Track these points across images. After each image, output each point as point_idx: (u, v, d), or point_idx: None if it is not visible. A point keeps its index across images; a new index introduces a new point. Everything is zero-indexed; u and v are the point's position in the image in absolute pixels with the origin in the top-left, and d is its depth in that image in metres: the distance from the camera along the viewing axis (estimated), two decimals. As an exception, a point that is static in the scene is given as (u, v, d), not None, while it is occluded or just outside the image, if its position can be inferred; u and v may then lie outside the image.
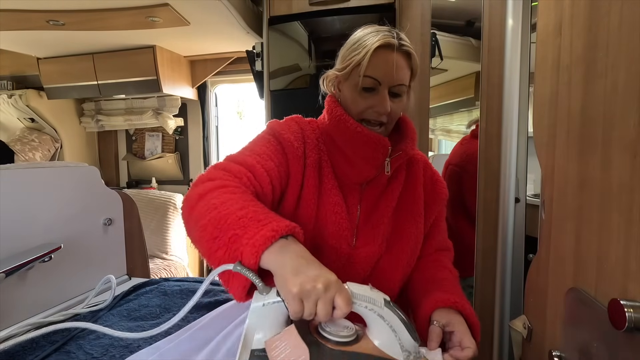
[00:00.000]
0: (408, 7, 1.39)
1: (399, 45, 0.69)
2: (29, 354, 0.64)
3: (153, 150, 3.04)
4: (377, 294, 0.49)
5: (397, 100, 0.72)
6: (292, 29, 1.65)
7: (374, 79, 0.69)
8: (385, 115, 0.71)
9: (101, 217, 1.04)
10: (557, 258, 0.60)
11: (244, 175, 0.64)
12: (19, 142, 2.68)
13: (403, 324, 0.49)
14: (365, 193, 0.76)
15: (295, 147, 0.72)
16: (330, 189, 0.74)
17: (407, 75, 0.71)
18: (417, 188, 0.79)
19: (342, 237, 0.72)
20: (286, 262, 0.47)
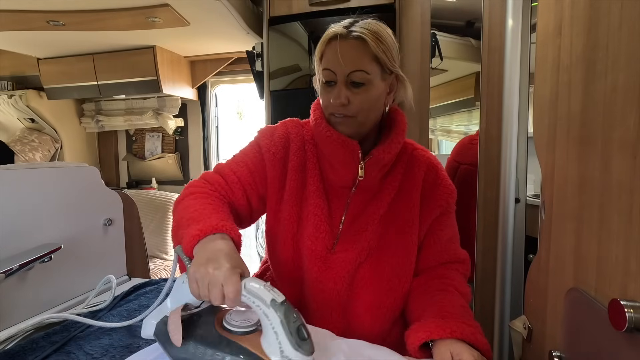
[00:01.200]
0: (408, 8, 1.39)
1: (348, 32, 0.68)
2: (29, 354, 0.64)
3: (153, 150, 3.04)
4: (270, 293, 0.49)
5: (361, 90, 0.68)
6: (292, 29, 1.65)
7: (330, 71, 0.69)
8: (343, 106, 0.68)
9: (101, 217, 1.04)
10: (557, 258, 0.60)
11: (216, 183, 0.73)
12: (19, 142, 2.68)
13: (283, 328, 0.47)
14: (354, 197, 0.74)
15: (272, 153, 0.75)
16: (313, 192, 0.74)
17: (364, 61, 0.67)
18: (412, 193, 0.74)
19: (320, 240, 0.72)
20: (202, 253, 0.54)
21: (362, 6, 1.44)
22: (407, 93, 0.76)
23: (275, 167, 0.75)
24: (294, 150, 0.77)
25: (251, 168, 0.75)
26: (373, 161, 0.71)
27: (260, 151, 0.77)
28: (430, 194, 0.75)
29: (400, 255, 0.73)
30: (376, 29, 0.68)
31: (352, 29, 0.68)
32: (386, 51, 0.68)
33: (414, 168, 0.76)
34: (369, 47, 0.67)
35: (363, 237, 0.72)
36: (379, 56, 0.68)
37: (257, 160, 0.76)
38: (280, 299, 0.49)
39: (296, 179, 0.75)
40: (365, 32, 0.67)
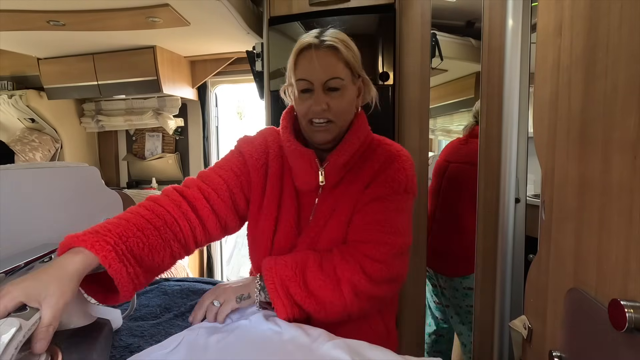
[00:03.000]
0: (408, 8, 1.39)
1: (320, 42, 0.72)
2: (29, 354, 0.64)
3: (153, 150, 3.04)
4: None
5: (337, 95, 0.73)
6: (292, 30, 1.65)
7: (306, 80, 0.73)
8: (324, 111, 0.72)
9: (101, 217, 1.04)
10: (557, 258, 0.60)
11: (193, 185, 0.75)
12: (19, 142, 2.68)
13: None
14: (321, 198, 0.79)
15: (255, 159, 0.80)
16: (288, 196, 0.80)
17: (338, 68, 0.72)
18: (356, 187, 0.77)
19: (289, 239, 0.78)
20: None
21: (362, 6, 1.44)
22: (372, 94, 0.81)
23: (259, 173, 0.80)
24: (273, 157, 0.81)
25: (236, 172, 0.79)
26: (331, 166, 0.76)
27: (243, 158, 0.81)
28: (375, 180, 0.77)
29: (330, 243, 0.76)
30: (344, 38, 0.74)
31: (323, 38, 0.72)
32: (354, 57, 0.74)
33: (371, 162, 0.78)
34: (342, 54, 0.72)
35: (311, 232, 0.77)
36: (350, 62, 0.73)
37: (241, 165, 0.80)
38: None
39: (274, 184, 0.80)
40: (336, 40, 0.72)
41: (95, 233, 0.55)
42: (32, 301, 0.43)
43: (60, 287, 0.46)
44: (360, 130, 0.78)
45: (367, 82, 0.80)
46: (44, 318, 0.43)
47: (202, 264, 2.93)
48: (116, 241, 0.55)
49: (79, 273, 0.49)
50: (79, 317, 0.52)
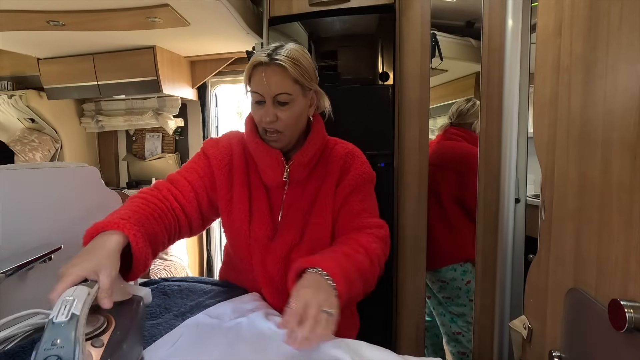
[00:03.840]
0: (408, 8, 1.39)
1: (270, 60, 0.79)
2: (28, 354, 0.64)
3: (153, 150, 3.04)
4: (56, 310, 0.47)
5: (286, 108, 0.81)
6: (292, 30, 1.65)
7: (257, 93, 0.81)
8: (272, 122, 0.81)
9: (101, 217, 1.04)
10: (557, 258, 0.60)
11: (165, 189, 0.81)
12: (19, 142, 2.68)
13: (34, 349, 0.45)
14: (288, 193, 0.88)
15: (219, 160, 0.88)
16: (257, 191, 0.88)
17: (287, 83, 0.79)
18: (331, 180, 0.88)
19: (262, 230, 0.85)
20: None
21: (362, 6, 1.44)
22: (325, 104, 0.92)
23: (223, 172, 0.87)
24: (237, 155, 0.89)
25: (200, 174, 0.87)
26: (295, 165, 0.86)
27: (207, 159, 0.89)
28: (344, 176, 0.88)
29: (319, 232, 0.86)
30: (295, 56, 0.80)
31: (274, 56, 0.79)
32: (304, 74, 0.81)
33: (333, 160, 0.89)
34: (289, 72, 0.79)
35: (293, 225, 0.86)
36: (298, 79, 0.80)
37: (206, 166, 0.88)
38: (61, 318, 0.46)
39: (241, 180, 0.87)
40: (284, 59, 0.78)
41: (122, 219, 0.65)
42: (92, 275, 0.54)
43: (109, 260, 0.57)
44: (320, 133, 0.90)
45: (320, 94, 0.90)
46: (104, 284, 0.54)
47: (202, 264, 2.93)
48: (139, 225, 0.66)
49: (118, 249, 0.60)
50: (120, 293, 0.62)
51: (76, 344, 0.44)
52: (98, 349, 0.50)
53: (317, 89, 0.88)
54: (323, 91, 0.90)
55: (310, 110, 0.89)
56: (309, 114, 0.89)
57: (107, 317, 0.55)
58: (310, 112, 0.89)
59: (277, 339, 0.63)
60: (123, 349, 0.53)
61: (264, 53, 0.81)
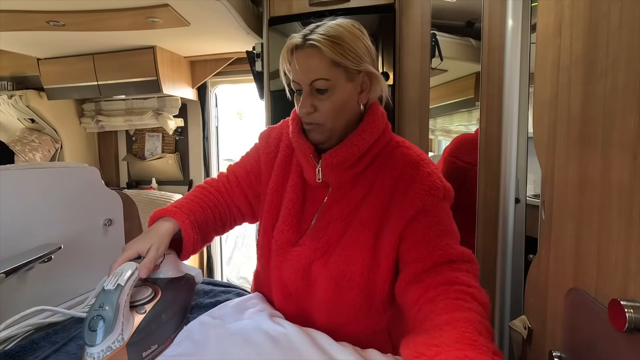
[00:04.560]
0: (408, 8, 1.39)
1: (303, 42, 0.68)
2: (29, 354, 0.64)
3: (153, 150, 3.04)
4: (107, 280, 0.58)
5: (324, 97, 0.68)
6: (292, 30, 1.65)
7: (295, 82, 0.71)
8: (309, 114, 0.70)
9: (101, 217, 1.04)
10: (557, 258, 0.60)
11: (220, 181, 0.87)
12: (19, 142, 2.68)
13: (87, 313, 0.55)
14: (330, 196, 0.75)
15: (266, 153, 0.83)
16: (291, 187, 0.78)
17: (323, 67, 0.67)
18: (381, 192, 0.70)
19: (285, 233, 0.75)
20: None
21: (362, 6, 1.44)
22: (382, 88, 0.74)
23: (269, 166, 0.82)
24: (283, 147, 0.82)
25: (247, 168, 0.85)
26: (325, 164, 0.71)
27: (257, 152, 0.86)
28: (404, 192, 0.68)
29: (350, 255, 0.69)
30: (334, 33, 0.67)
31: (308, 36, 0.68)
32: (347, 53, 0.67)
33: (388, 167, 0.72)
34: (326, 52, 0.66)
35: (322, 235, 0.72)
36: (337, 60, 0.66)
37: (254, 160, 0.85)
38: (109, 286, 0.56)
39: (279, 174, 0.80)
40: (319, 38, 0.66)
41: (176, 207, 0.76)
42: (144, 252, 0.66)
43: (158, 241, 0.69)
44: (367, 131, 0.71)
45: (374, 77, 0.72)
46: (148, 257, 0.65)
47: (202, 264, 2.93)
48: (189, 213, 0.75)
49: (169, 233, 0.72)
50: (173, 270, 0.73)
51: (118, 309, 0.54)
52: (140, 315, 0.59)
53: (371, 70, 0.71)
54: (379, 73, 0.73)
55: (362, 97, 0.72)
56: (361, 101, 0.73)
57: (156, 289, 0.66)
58: (362, 100, 0.73)
59: (284, 340, 0.63)
60: (162, 319, 0.62)
61: (299, 34, 0.70)
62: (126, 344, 0.54)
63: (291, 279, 0.73)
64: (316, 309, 0.74)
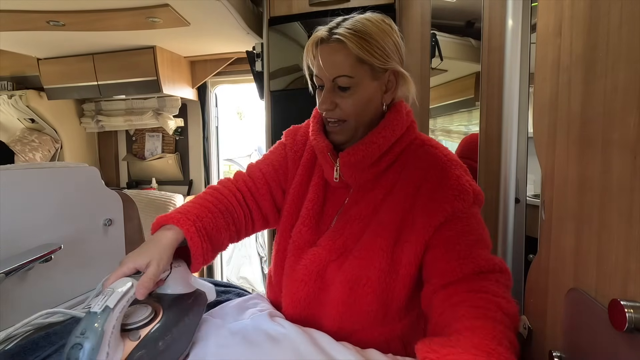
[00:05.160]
0: (408, 8, 1.39)
1: (329, 35, 0.65)
2: (29, 354, 0.64)
3: (153, 150, 3.04)
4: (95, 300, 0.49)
5: (347, 94, 0.66)
6: (292, 30, 1.65)
7: (318, 77, 0.69)
8: (330, 111, 0.68)
9: (101, 217, 1.04)
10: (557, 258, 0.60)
11: (241, 180, 0.79)
12: (19, 142, 2.68)
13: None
14: (351, 196, 0.72)
15: (294, 151, 0.80)
16: (313, 187, 0.76)
17: (347, 64, 0.64)
18: (403, 194, 0.67)
19: (303, 233, 0.73)
20: None
21: (362, 6, 1.44)
22: (409, 88, 0.71)
23: (295, 164, 0.80)
24: (309, 146, 0.79)
25: (275, 165, 0.80)
26: (343, 162, 0.69)
27: (284, 149, 0.82)
28: (430, 196, 0.65)
29: (366, 258, 0.66)
30: (361, 28, 0.64)
31: (334, 30, 0.65)
32: (373, 50, 0.64)
33: (412, 167, 0.69)
34: (350, 49, 0.63)
35: (339, 236, 0.70)
36: (363, 57, 0.64)
37: (281, 157, 0.81)
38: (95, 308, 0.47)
39: (303, 173, 0.78)
40: (346, 33, 0.63)
41: (180, 213, 0.65)
42: (142, 268, 0.56)
43: (159, 254, 0.58)
44: (389, 128, 0.68)
45: (400, 76, 0.69)
46: (147, 274, 0.55)
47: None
48: (195, 220, 0.65)
49: (172, 244, 0.61)
50: (182, 285, 0.63)
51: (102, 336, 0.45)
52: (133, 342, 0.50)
53: (397, 69, 0.67)
54: (406, 72, 0.69)
55: (386, 96, 0.69)
56: (385, 100, 0.70)
57: (157, 309, 0.56)
58: (386, 99, 0.70)
59: (282, 341, 0.63)
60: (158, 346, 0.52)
61: (325, 27, 0.67)
62: None
63: (304, 280, 0.70)
64: (328, 315, 0.70)
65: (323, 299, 0.70)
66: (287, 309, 0.73)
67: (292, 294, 0.72)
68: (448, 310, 0.57)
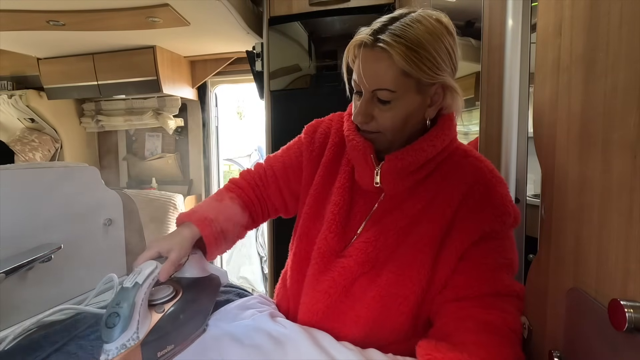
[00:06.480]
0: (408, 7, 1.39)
1: (374, 41, 0.57)
2: (29, 354, 0.64)
3: (153, 150, 3.04)
4: (128, 277, 0.57)
5: (386, 108, 0.60)
6: (292, 29, 1.65)
7: (356, 82, 0.62)
8: (366, 123, 0.63)
9: (101, 217, 1.04)
10: (557, 258, 0.60)
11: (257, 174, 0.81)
12: (19, 142, 2.68)
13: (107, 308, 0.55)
14: (381, 204, 0.67)
15: (310, 150, 0.77)
16: (337, 189, 0.70)
17: (388, 77, 0.57)
18: (444, 207, 0.63)
19: (329, 240, 0.68)
20: None
21: (362, 6, 1.44)
22: (457, 103, 0.64)
23: (312, 164, 0.76)
24: (330, 145, 0.75)
25: (287, 163, 0.79)
26: (387, 167, 0.63)
27: (300, 147, 0.79)
28: (472, 212, 0.62)
29: (406, 274, 0.62)
30: (411, 35, 0.56)
31: (380, 36, 0.57)
32: (421, 62, 0.57)
33: (455, 178, 0.64)
34: (396, 60, 0.56)
35: (372, 248, 0.65)
36: (409, 71, 0.57)
37: (296, 155, 0.79)
38: (127, 284, 0.56)
39: (325, 174, 0.73)
40: (393, 42, 0.56)
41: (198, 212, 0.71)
42: (165, 252, 0.63)
43: (181, 245, 0.65)
44: (439, 138, 0.63)
45: (448, 90, 0.62)
46: (169, 260, 0.62)
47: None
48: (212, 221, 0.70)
49: (192, 238, 0.67)
50: (198, 270, 0.72)
51: (134, 306, 0.54)
52: (158, 314, 0.59)
53: (447, 82, 0.60)
54: (457, 86, 0.62)
55: (430, 110, 0.63)
56: (428, 115, 0.64)
57: (177, 289, 0.65)
58: (429, 114, 0.63)
59: (283, 341, 0.63)
60: (180, 319, 0.61)
61: (369, 29, 0.60)
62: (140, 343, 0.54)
63: (328, 292, 0.66)
64: (351, 328, 0.66)
65: (345, 313, 0.66)
66: (302, 317, 0.70)
67: (312, 304, 0.68)
68: (454, 322, 0.58)
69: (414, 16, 0.59)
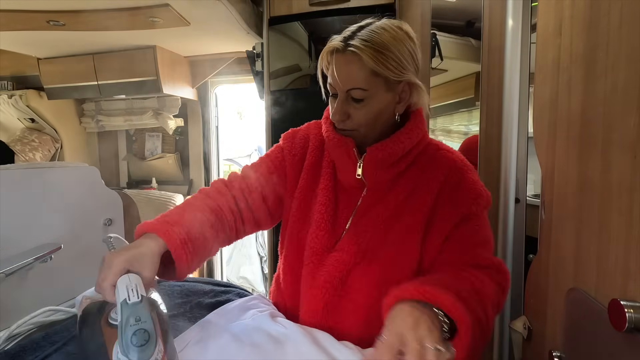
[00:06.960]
0: (408, 8, 1.39)
1: (344, 46, 0.64)
2: (29, 354, 0.64)
3: (153, 150, 3.04)
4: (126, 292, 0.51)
5: (360, 106, 0.67)
6: (292, 29, 1.65)
7: (332, 86, 0.69)
8: (343, 121, 0.69)
9: (101, 217, 1.04)
10: (557, 258, 0.60)
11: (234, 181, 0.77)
12: (19, 142, 2.68)
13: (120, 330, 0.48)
14: (365, 199, 0.73)
15: (292, 154, 0.79)
16: (322, 189, 0.75)
17: (362, 76, 0.64)
18: (425, 196, 0.69)
19: (320, 237, 0.72)
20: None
21: (362, 6, 1.44)
22: (422, 99, 0.71)
23: (295, 168, 0.79)
24: (311, 149, 0.79)
25: (271, 168, 0.79)
26: (369, 158, 0.69)
27: (282, 153, 0.81)
28: (450, 198, 0.68)
29: (397, 259, 0.68)
30: (377, 39, 0.64)
31: (350, 41, 0.64)
32: (388, 62, 0.63)
33: (432, 170, 0.71)
34: (365, 62, 0.63)
35: (362, 239, 0.69)
36: (379, 71, 0.64)
37: (278, 161, 0.80)
38: (133, 299, 0.50)
39: (308, 177, 0.77)
40: (361, 45, 0.63)
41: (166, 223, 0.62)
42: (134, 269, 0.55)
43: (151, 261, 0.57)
44: (414, 131, 0.70)
45: (414, 87, 0.69)
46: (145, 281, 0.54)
47: (203, 264, 2.93)
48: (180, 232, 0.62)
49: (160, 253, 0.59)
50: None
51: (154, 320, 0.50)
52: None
53: (412, 80, 0.68)
54: (421, 84, 0.69)
55: (399, 107, 0.70)
56: (397, 111, 0.71)
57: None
58: (399, 109, 0.71)
59: (283, 341, 0.63)
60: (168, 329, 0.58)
61: (340, 36, 0.67)
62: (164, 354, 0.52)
63: (325, 287, 0.69)
64: (351, 322, 0.69)
65: (344, 307, 0.69)
66: (304, 317, 0.72)
67: (311, 303, 0.71)
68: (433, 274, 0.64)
69: (379, 24, 0.67)
